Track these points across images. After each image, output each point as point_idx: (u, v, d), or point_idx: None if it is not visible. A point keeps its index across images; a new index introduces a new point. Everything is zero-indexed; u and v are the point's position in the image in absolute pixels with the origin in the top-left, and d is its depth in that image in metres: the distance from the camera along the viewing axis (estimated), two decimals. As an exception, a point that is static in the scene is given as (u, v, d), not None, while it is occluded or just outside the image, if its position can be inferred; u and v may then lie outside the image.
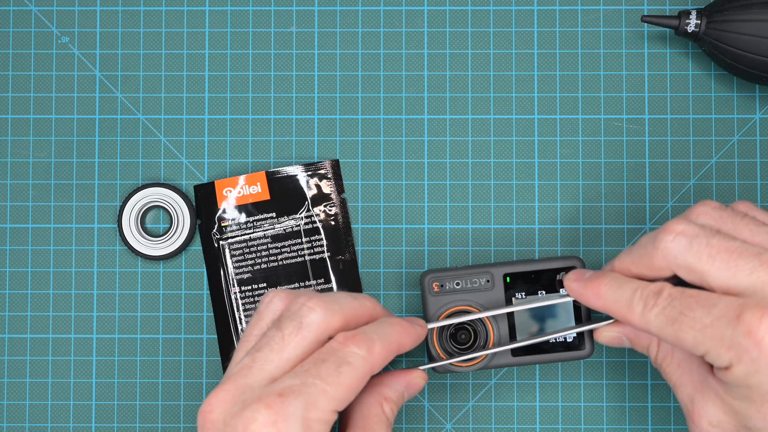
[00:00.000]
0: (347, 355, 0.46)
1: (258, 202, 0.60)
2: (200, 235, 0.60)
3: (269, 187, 0.60)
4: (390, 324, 0.49)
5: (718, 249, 0.46)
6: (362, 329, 0.47)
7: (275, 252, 0.60)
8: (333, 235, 0.60)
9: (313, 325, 0.47)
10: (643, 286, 0.48)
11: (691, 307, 0.46)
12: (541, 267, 0.55)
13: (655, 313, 0.47)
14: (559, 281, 0.55)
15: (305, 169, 0.60)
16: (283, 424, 0.44)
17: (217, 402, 0.46)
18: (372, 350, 0.47)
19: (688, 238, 0.47)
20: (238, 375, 0.46)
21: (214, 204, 0.60)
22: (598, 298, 0.50)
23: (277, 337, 0.47)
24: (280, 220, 0.60)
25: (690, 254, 0.47)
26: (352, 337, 0.47)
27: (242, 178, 0.60)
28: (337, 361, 0.46)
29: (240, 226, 0.60)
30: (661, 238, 0.48)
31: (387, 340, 0.48)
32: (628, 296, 0.48)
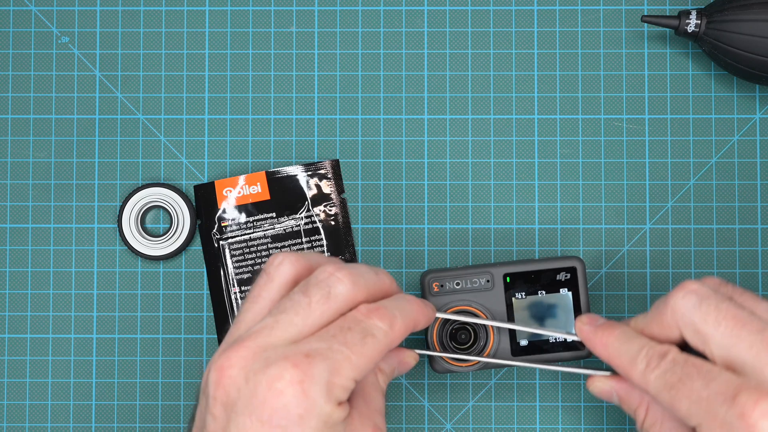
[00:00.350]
0: (371, 327, 0.46)
1: (258, 202, 0.60)
2: (200, 235, 0.60)
3: (269, 187, 0.60)
4: (408, 301, 0.49)
5: (725, 314, 0.46)
6: (383, 304, 0.47)
7: (275, 252, 0.60)
8: (333, 235, 0.60)
9: (340, 297, 0.47)
10: (650, 345, 0.48)
11: (691, 376, 0.46)
12: (541, 267, 0.55)
13: (656, 374, 0.47)
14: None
15: (305, 169, 0.60)
16: (309, 385, 0.44)
17: (237, 358, 0.45)
18: (393, 326, 0.47)
19: (699, 297, 0.47)
20: (259, 334, 0.45)
21: (214, 204, 0.60)
22: (605, 348, 0.50)
23: (304, 302, 0.46)
24: (280, 220, 0.60)
25: (698, 314, 0.47)
26: (376, 310, 0.47)
27: (242, 178, 0.60)
28: (362, 331, 0.46)
29: (240, 226, 0.60)
30: (673, 294, 0.48)
31: (407, 317, 0.48)
32: (633, 352, 0.48)
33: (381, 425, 0.48)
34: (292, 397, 0.43)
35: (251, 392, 0.44)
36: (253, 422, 0.44)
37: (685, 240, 0.60)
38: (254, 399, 0.44)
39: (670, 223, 0.60)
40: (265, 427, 0.44)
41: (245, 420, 0.44)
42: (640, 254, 0.60)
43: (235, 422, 0.44)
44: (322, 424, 0.44)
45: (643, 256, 0.60)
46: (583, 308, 0.55)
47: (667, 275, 0.60)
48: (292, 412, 0.43)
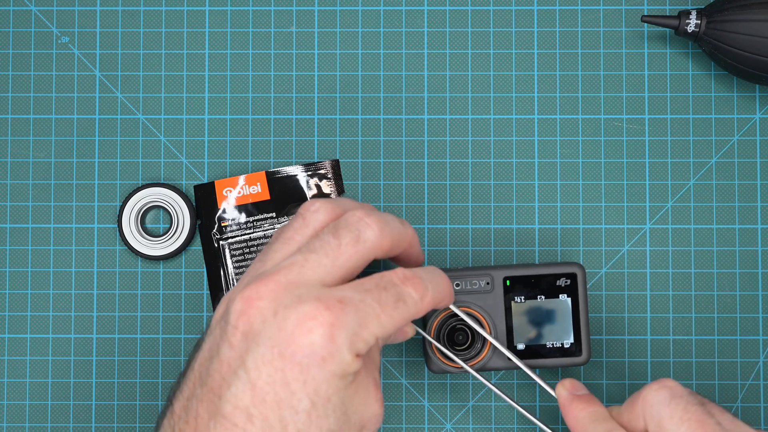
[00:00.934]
0: (405, 293, 0.46)
1: (258, 202, 0.60)
2: (200, 235, 0.60)
3: (269, 187, 0.60)
4: (441, 277, 0.49)
5: (691, 416, 0.46)
6: (419, 273, 0.47)
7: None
8: None
9: (368, 242, 0.47)
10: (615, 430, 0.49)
11: None
12: (542, 272, 0.55)
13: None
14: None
15: (305, 169, 0.60)
16: (338, 330, 0.43)
17: (267, 291, 0.44)
18: (424, 298, 0.47)
19: (672, 394, 0.47)
20: (289, 270, 0.45)
21: (214, 204, 0.60)
22: (574, 421, 0.51)
23: (334, 244, 0.46)
24: (280, 220, 0.60)
25: (666, 409, 0.47)
26: (412, 278, 0.47)
27: (242, 178, 0.60)
28: (396, 295, 0.46)
29: (240, 226, 0.60)
30: (649, 385, 0.48)
31: (436, 292, 0.48)
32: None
33: (378, 380, 0.48)
34: (319, 337, 0.43)
35: (278, 326, 0.43)
36: (273, 355, 0.43)
37: (685, 240, 0.60)
38: (281, 332, 0.43)
39: (670, 223, 0.60)
40: (285, 361, 0.43)
41: (266, 351, 0.43)
42: (640, 254, 0.60)
43: (254, 352, 0.44)
44: (340, 371, 0.44)
45: (643, 256, 0.60)
46: (582, 315, 0.55)
47: (667, 275, 0.60)
48: (317, 352, 0.43)
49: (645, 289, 0.60)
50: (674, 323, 0.60)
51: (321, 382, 0.43)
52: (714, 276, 0.60)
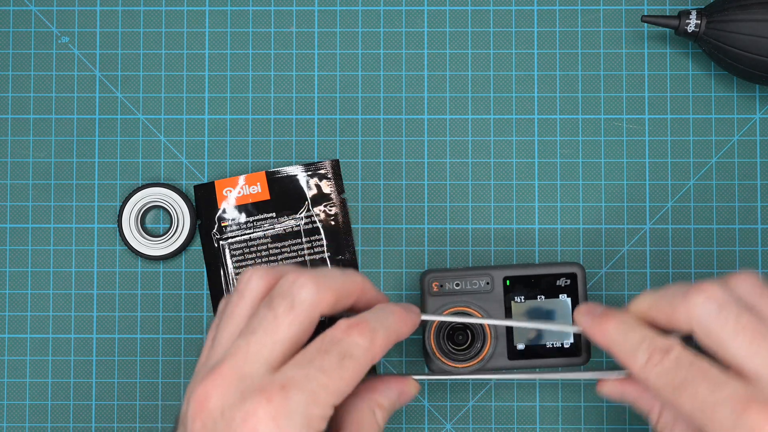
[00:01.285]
0: (350, 346, 0.45)
1: (258, 202, 0.60)
2: (200, 235, 0.60)
3: (269, 187, 0.60)
4: (390, 312, 0.47)
5: (744, 326, 0.45)
6: (364, 317, 0.46)
7: (275, 252, 0.60)
8: (333, 235, 0.60)
9: (305, 303, 0.45)
10: (651, 337, 0.47)
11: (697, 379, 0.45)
12: (542, 272, 0.55)
13: (658, 371, 0.46)
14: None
15: (305, 169, 0.60)
16: (284, 420, 0.43)
17: (214, 389, 0.44)
18: (375, 341, 0.45)
19: (720, 304, 0.46)
20: (234, 359, 0.44)
21: (214, 204, 0.60)
22: (604, 337, 0.48)
23: (270, 316, 0.45)
24: (280, 220, 0.60)
25: (716, 321, 0.45)
26: (356, 325, 0.45)
27: (242, 178, 0.60)
28: (340, 354, 0.44)
29: (240, 226, 0.60)
30: (693, 295, 0.46)
31: (388, 330, 0.46)
32: (634, 343, 0.47)
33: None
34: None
35: (227, 426, 0.43)
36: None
37: (685, 240, 0.60)
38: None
39: (670, 223, 0.60)
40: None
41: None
42: (640, 254, 0.60)
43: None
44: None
45: (643, 256, 0.60)
46: None
47: (667, 275, 0.60)
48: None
49: (645, 289, 0.60)
50: (674, 323, 0.60)
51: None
52: (714, 276, 0.60)
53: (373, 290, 0.49)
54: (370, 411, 0.49)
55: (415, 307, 0.50)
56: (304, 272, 0.46)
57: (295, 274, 0.46)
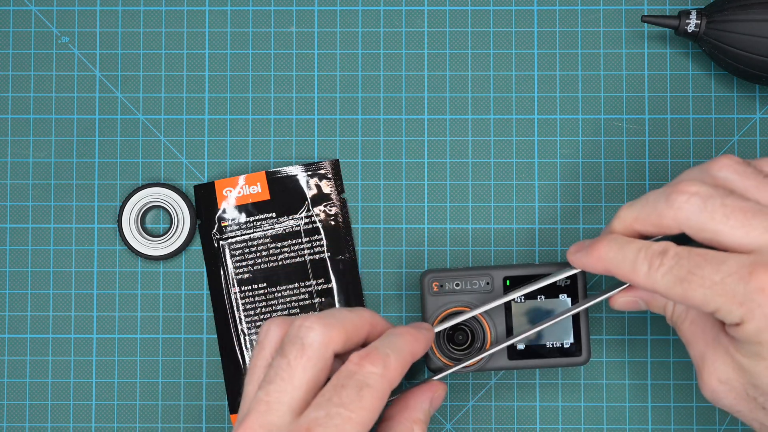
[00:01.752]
0: (366, 376, 0.45)
1: (258, 202, 0.60)
2: (200, 235, 0.60)
3: (269, 187, 0.60)
4: (399, 335, 0.48)
5: (732, 208, 0.46)
6: (374, 346, 0.47)
7: (275, 252, 0.60)
8: (333, 235, 0.60)
9: (315, 344, 0.46)
10: (646, 246, 0.48)
11: (700, 265, 0.46)
12: (542, 272, 0.55)
13: (662, 272, 0.47)
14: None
15: (305, 169, 0.60)
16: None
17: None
18: (388, 366, 0.46)
19: (703, 198, 0.47)
20: (258, 412, 0.45)
21: (214, 204, 0.60)
22: (600, 261, 0.49)
23: (284, 364, 0.46)
24: (280, 220, 0.60)
25: (704, 215, 0.46)
26: (366, 355, 0.46)
27: (242, 178, 0.60)
28: (357, 385, 0.45)
29: (240, 226, 0.60)
30: (675, 198, 0.47)
31: (400, 352, 0.47)
32: (631, 257, 0.48)
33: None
34: None
35: None
36: None
37: (685, 240, 0.60)
38: None
39: (670, 223, 0.60)
40: None
41: None
42: (640, 254, 0.60)
43: None
44: None
45: (643, 256, 0.60)
46: (582, 315, 0.55)
47: (667, 275, 0.60)
48: None
49: (645, 289, 0.60)
50: (674, 323, 0.60)
51: None
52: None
53: (383, 323, 0.50)
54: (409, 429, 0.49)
55: (425, 324, 0.51)
56: (312, 316, 0.47)
57: (302, 319, 0.47)
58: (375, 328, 0.49)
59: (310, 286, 0.60)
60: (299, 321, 0.47)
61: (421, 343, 0.49)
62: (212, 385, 0.60)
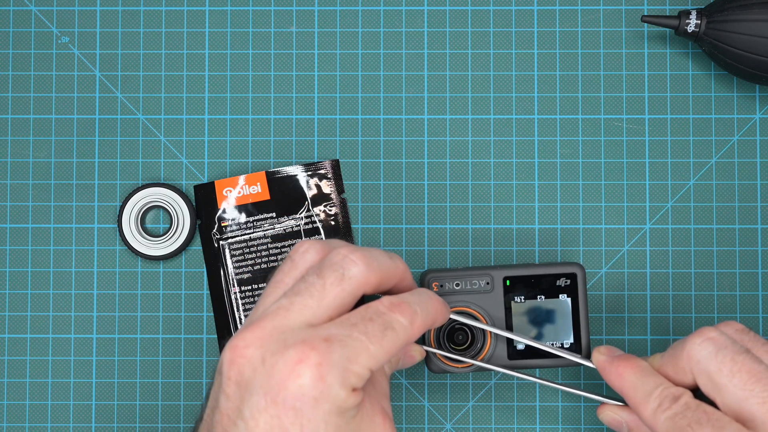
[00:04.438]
0: (393, 321, 0.46)
1: (258, 202, 0.60)
2: (200, 235, 0.60)
3: (269, 187, 0.60)
4: (430, 298, 0.49)
5: (740, 367, 0.47)
6: (406, 298, 0.47)
7: (275, 252, 0.60)
8: (333, 235, 0.60)
9: (354, 279, 0.46)
10: (666, 385, 0.49)
11: (701, 422, 0.46)
12: (542, 272, 0.55)
13: (667, 416, 0.47)
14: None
15: (305, 169, 0.60)
16: (326, 369, 0.43)
17: (253, 338, 0.45)
18: (414, 322, 0.47)
19: (716, 346, 0.48)
20: (275, 315, 0.45)
21: (214, 204, 0.60)
22: (620, 378, 0.50)
23: (318, 284, 0.46)
24: (280, 220, 0.60)
25: (713, 363, 0.47)
26: (399, 304, 0.47)
27: (242, 178, 0.60)
28: (384, 324, 0.46)
29: (240, 226, 0.60)
30: (691, 339, 0.48)
31: (428, 313, 0.48)
32: (648, 389, 0.49)
33: (388, 409, 0.48)
34: (309, 379, 0.43)
35: (267, 373, 0.44)
36: (267, 402, 0.43)
37: (685, 240, 0.60)
38: (270, 379, 0.44)
39: (670, 223, 0.60)
40: (279, 407, 0.43)
41: (259, 400, 0.44)
42: (640, 254, 0.60)
43: (248, 402, 0.44)
44: (336, 408, 0.44)
45: (643, 256, 0.60)
46: (582, 315, 0.55)
47: (667, 275, 0.60)
48: (308, 394, 0.43)
49: (645, 289, 0.60)
50: (674, 323, 0.60)
51: (319, 423, 0.43)
52: (714, 276, 0.60)
53: (411, 279, 0.51)
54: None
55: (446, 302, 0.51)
56: (357, 250, 0.47)
57: (348, 249, 0.47)
58: (403, 282, 0.50)
59: None
60: (344, 250, 0.47)
61: (443, 314, 0.50)
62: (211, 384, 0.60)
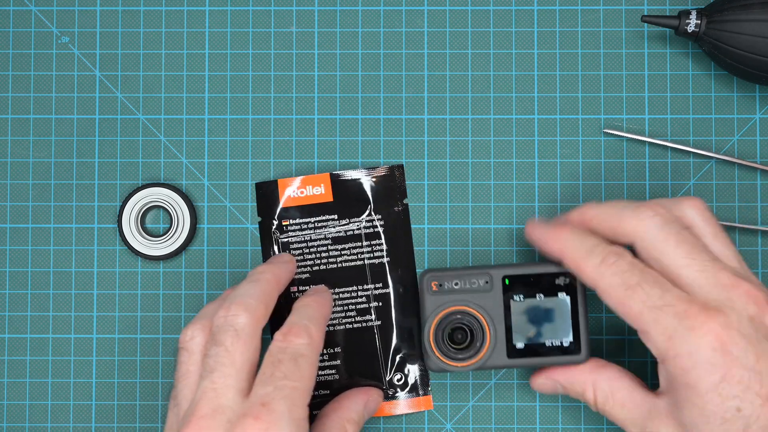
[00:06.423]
0: (295, 348, 0.48)
1: (320, 204, 0.59)
2: (260, 234, 0.60)
3: (333, 189, 0.59)
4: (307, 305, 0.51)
5: (684, 240, 0.49)
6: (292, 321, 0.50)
7: (335, 254, 0.59)
8: (393, 241, 0.59)
9: (247, 327, 0.49)
10: (604, 243, 0.51)
11: (650, 282, 0.49)
12: (541, 270, 0.55)
13: (612, 271, 0.49)
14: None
15: (368, 173, 0.60)
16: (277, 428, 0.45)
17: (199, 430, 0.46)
18: (312, 335, 0.49)
19: (665, 220, 0.50)
20: (207, 398, 0.47)
21: (276, 202, 0.59)
22: (558, 241, 0.52)
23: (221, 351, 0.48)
24: (341, 222, 0.59)
25: (660, 234, 0.49)
26: (289, 331, 0.49)
27: (305, 179, 0.59)
28: (292, 357, 0.48)
29: (301, 226, 0.59)
30: (642, 210, 0.50)
31: (316, 320, 0.50)
32: (588, 246, 0.51)
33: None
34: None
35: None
36: None
37: (685, 240, 0.60)
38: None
39: (670, 223, 0.60)
40: None
41: None
42: (640, 254, 0.60)
43: None
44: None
45: (643, 256, 0.60)
46: (581, 314, 0.55)
47: (667, 275, 0.60)
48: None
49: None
50: (674, 323, 0.60)
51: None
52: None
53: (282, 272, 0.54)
54: (341, 428, 0.52)
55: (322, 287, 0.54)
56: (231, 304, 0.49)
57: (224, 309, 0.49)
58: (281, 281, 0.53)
59: (368, 290, 0.59)
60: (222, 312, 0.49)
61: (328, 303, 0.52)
62: (212, 385, 0.60)
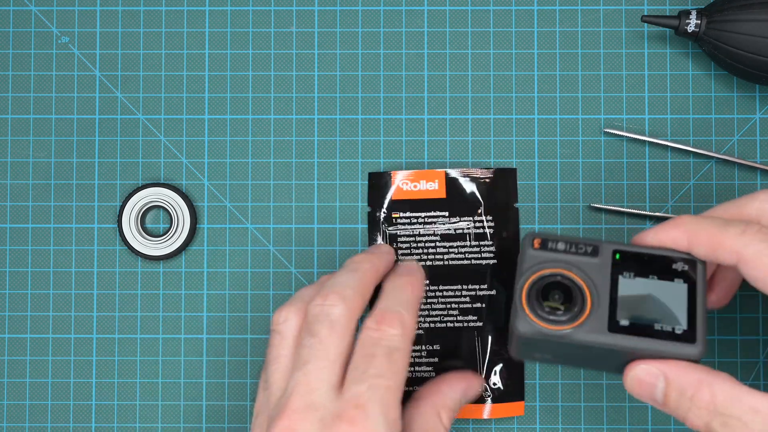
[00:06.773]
0: (390, 340, 0.46)
1: (432, 200, 0.59)
2: (369, 224, 0.59)
3: (446, 186, 0.59)
4: (401, 288, 0.49)
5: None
6: (384, 307, 0.47)
7: (442, 251, 0.59)
8: (501, 243, 0.59)
9: (343, 318, 0.47)
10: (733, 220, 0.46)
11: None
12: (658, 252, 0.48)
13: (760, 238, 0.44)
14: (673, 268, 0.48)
15: (482, 174, 0.59)
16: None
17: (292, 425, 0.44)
18: (405, 323, 0.47)
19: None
20: (299, 393, 0.45)
21: (387, 194, 0.59)
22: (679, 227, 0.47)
23: (316, 343, 0.46)
24: (452, 220, 0.59)
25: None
26: (382, 319, 0.47)
27: (419, 173, 0.59)
28: (386, 351, 0.46)
29: (411, 219, 0.59)
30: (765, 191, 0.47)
31: (410, 305, 0.48)
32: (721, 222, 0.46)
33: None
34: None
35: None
36: None
37: (685, 240, 0.60)
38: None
39: (670, 223, 0.60)
40: None
41: None
42: (640, 254, 0.60)
43: None
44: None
45: (643, 256, 0.60)
46: (699, 303, 0.47)
47: (667, 275, 0.60)
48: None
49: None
50: (674, 323, 0.60)
51: None
52: (714, 276, 0.60)
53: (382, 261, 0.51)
54: (435, 415, 0.50)
55: (413, 264, 0.51)
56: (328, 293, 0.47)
57: (321, 297, 0.47)
58: (379, 273, 0.50)
59: (473, 290, 0.59)
60: (318, 300, 0.47)
61: (421, 285, 0.50)
62: (212, 385, 0.60)
